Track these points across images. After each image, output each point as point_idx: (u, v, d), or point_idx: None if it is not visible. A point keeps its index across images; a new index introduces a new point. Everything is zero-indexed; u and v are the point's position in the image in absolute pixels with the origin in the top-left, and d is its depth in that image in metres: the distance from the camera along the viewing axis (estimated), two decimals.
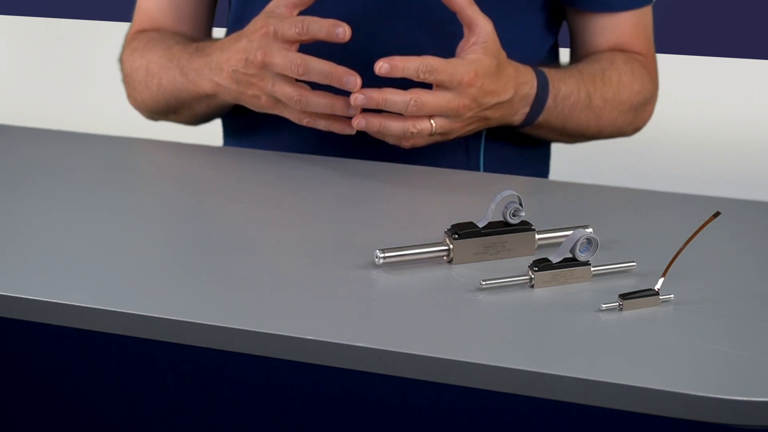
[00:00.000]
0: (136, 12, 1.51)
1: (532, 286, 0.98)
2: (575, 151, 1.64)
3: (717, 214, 0.95)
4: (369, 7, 1.37)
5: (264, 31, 1.25)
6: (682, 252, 0.95)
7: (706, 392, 0.81)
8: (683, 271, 0.98)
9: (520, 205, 1.04)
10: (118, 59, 1.48)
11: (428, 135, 1.25)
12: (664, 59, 1.55)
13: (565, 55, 1.49)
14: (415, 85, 1.23)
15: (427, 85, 1.24)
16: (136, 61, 1.43)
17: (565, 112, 1.35)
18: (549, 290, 0.98)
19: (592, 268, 0.99)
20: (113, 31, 2.14)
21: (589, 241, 0.98)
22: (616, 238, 1.07)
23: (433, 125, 1.24)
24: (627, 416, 0.84)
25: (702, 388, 0.82)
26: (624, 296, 0.94)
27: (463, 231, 1.03)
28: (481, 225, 1.03)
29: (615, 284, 0.98)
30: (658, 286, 0.95)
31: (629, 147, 1.77)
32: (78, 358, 0.99)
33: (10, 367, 1.01)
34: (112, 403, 0.99)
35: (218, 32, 1.50)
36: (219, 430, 0.96)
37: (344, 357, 0.88)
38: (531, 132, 1.38)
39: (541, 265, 0.98)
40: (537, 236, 1.05)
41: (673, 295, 0.95)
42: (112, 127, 1.64)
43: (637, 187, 1.27)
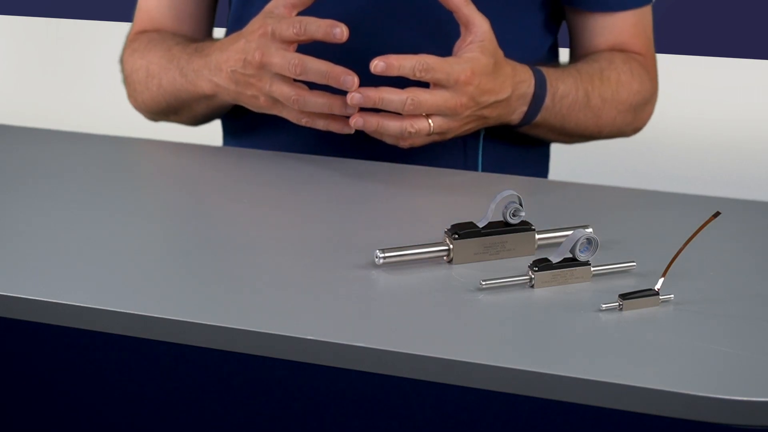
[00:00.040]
0: (137, 12, 1.51)
1: (532, 286, 0.98)
2: (575, 151, 1.64)
3: (717, 214, 0.95)
4: (367, 8, 1.37)
5: (262, 32, 1.25)
6: (682, 252, 0.95)
7: (706, 392, 0.81)
8: (683, 271, 0.98)
9: (520, 205, 1.04)
10: (119, 60, 1.48)
11: (426, 135, 1.25)
12: (664, 59, 1.55)
13: (565, 55, 1.49)
14: (412, 85, 1.23)
15: (425, 85, 1.24)
16: (137, 62, 1.43)
17: (563, 111, 1.35)
18: (549, 290, 0.98)
19: (592, 268, 0.99)
20: (113, 31, 2.14)
21: (589, 241, 0.98)
22: (616, 238, 1.07)
23: (431, 125, 1.24)
24: (627, 416, 0.84)
25: (702, 388, 0.82)
26: (624, 296, 0.94)
27: (463, 231, 1.03)
28: (481, 225, 1.03)
29: (615, 284, 0.98)
30: (658, 286, 0.95)
31: (629, 147, 1.77)
32: (78, 358, 0.99)
33: (10, 367, 1.01)
34: (112, 403, 0.99)
35: (219, 32, 1.50)
36: (219, 430, 0.96)
37: (344, 357, 0.88)
38: (529, 132, 1.38)
39: (541, 265, 0.98)
40: (537, 236, 1.05)
41: (673, 295, 0.95)
42: (112, 127, 1.64)
43: (637, 187, 1.27)
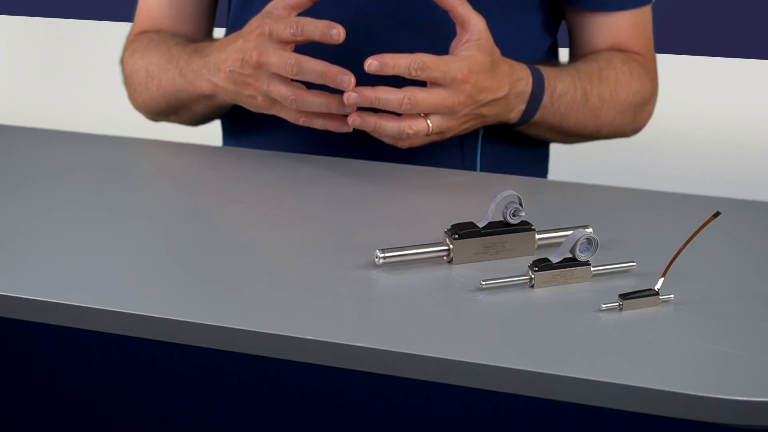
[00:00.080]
0: (138, 13, 1.51)
1: (532, 286, 0.98)
2: (575, 151, 1.64)
3: (717, 214, 0.95)
4: (366, 9, 1.36)
5: (259, 32, 1.25)
6: (682, 252, 0.95)
7: (706, 392, 0.81)
8: (683, 271, 0.98)
9: (520, 205, 1.04)
10: (119, 60, 1.48)
11: (425, 135, 1.24)
12: (664, 59, 1.55)
13: (565, 55, 1.49)
14: (410, 85, 1.23)
15: (423, 85, 1.23)
16: (136, 63, 1.43)
17: (561, 110, 1.35)
18: (549, 290, 0.98)
19: (592, 268, 0.99)
20: (113, 31, 2.14)
21: (589, 241, 0.98)
22: (616, 238, 1.07)
23: (430, 125, 1.23)
24: (627, 416, 0.84)
25: (702, 388, 0.82)
26: (624, 296, 0.94)
27: (463, 231, 1.03)
28: (481, 225, 1.03)
29: (615, 284, 0.98)
30: (658, 286, 0.95)
31: (629, 147, 1.77)
32: (78, 358, 0.99)
33: (10, 367, 1.01)
34: (112, 403, 0.99)
35: (218, 32, 1.50)
36: (219, 430, 0.96)
37: (344, 357, 0.88)
38: (528, 131, 1.38)
39: (541, 265, 0.98)
40: (537, 236, 1.05)
41: (673, 295, 0.95)
42: (112, 127, 1.64)
43: (637, 187, 1.27)
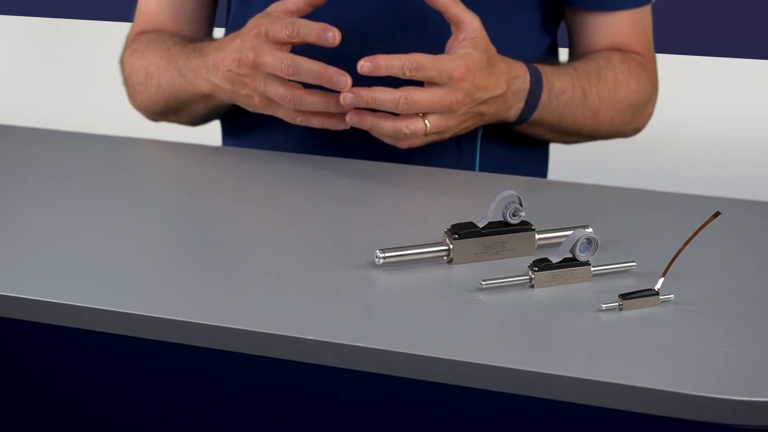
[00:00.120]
0: (137, 13, 1.51)
1: (532, 286, 0.98)
2: (575, 151, 1.64)
3: (717, 214, 0.95)
4: (365, 11, 1.36)
5: (256, 32, 1.25)
6: (682, 252, 0.95)
7: (706, 392, 0.81)
8: (683, 271, 0.98)
9: (520, 205, 1.04)
10: (119, 61, 1.48)
11: (424, 135, 1.24)
12: (664, 59, 1.55)
13: (565, 55, 1.49)
14: (408, 85, 1.22)
15: (421, 85, 1.23)
16: (136, 63, 1.43)
17: (560, 108, 1.35)
18: (549, 290, 0.98)
19: (592, 268, 0.99)
20: (113, 31, 2.14)
21: (589, 241, 0.98)
22: (616, 238, 1.07)
23: (428, 125, 1.23)
24: (627, 416, 0.84)
25: (702, 388, 0.82)
26: (624, 296, 0.94)
27: (463, 231, 1.03)
28: (481, 225, 1.03)
29: (615, 284, 0.98)
30: (658, 286, 0.95)
31: (629, 147, 1.77)
32: (78, 358, 0.99)
33: (10, 367, 1.01)
34: (112, 403, 0.99)
35: (218, 33, 1.50)
36: (219, 430, 0.96)
37: (344, 357, 0.88)
38: (527, 130, 1.37)
39: (541, 265, 0.98)
40: (537, 236, 1.05)
41: (673, 295, 0.95)
42: (112, 127, 1.64)
43: (637, 187, 1.27)
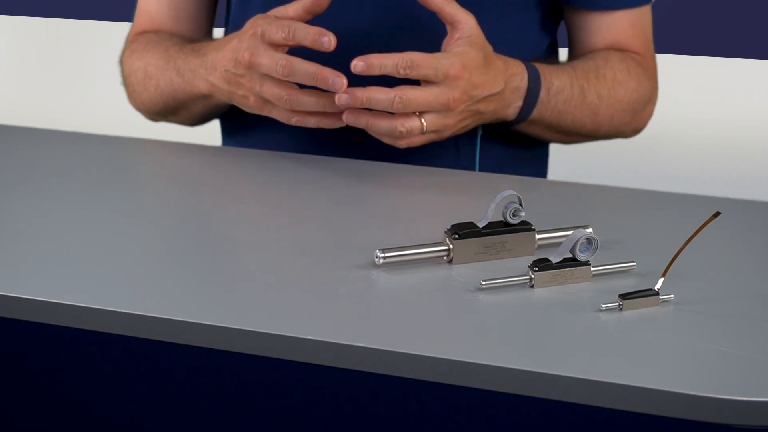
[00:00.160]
0: (137, 13, 1.51)
1: (532, 286, 0.98)
2: (575, 151, 1.64)
3: (717, 214, 0.95)
4: (365, 13, 1.36)
5: (252, 32, 1.25)
6: (682, 252, 0.95)
7: (706, 392, 0.81)
8: (683, 271, 0.98)
9: (520, 205, 1.04)
10: (119, 61, 1.48)
11: (421, 133, 1.23)
12: (664, 59, 1.55)
13: (565, 55, 1.49)
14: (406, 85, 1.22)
15: (418, 84, 1.23)
16: (135, 63, 1.43)
17: (558, 107, 1.34)
18: (549, 290, 0.98)
19: (592, 268, 0.99)
20: (113, 31, 2.14)
21: (589, 241, 0.98)
22: (616, 238, 1.07)
23: (424, 123, 1.23)
24: (627, 416, 0.84)
25: (702, 388, 0.82)
26: (624, 296, 0.94)
27: (463, 231, 1.03)
28: (481, 225, 1.03)
29: (615, 284, 0.98)
30: (658, 286, 0.95)
31: (629, 147, 1.77)
32: (78, 358, 0.99)
33: (10, 367, 1.01)
34: (112, 403, 0.99)
35: (218, 32, 1.50)
36: (219, 430, 0.96)
37: (344, 357, 0.88)
38: (526, 129, 1.37)
39: (541, 265, 0.98)
40: (537, 236, 1.05)
41: (673, 295, 0.95)
42: (112, 127, 1.64)
43: (637, 187, 1.27)
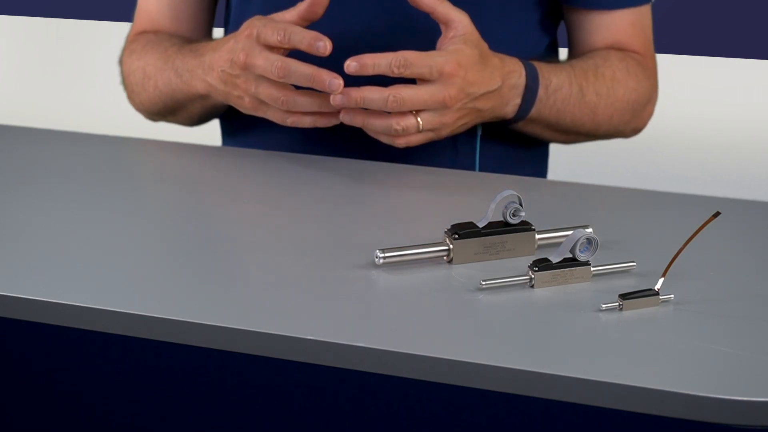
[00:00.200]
0: (137, 13, 1.51)
1: (532, 286, 0.98)
2: (575, 151, 1.63)
3: (717, 214, 0.95)
4: (363, 14, 1.36)
5: (248, 33, 1.25)
6: (682, 252, 0.95)
7: (706, 392, 0.81)
8: (683, 271, 0.98)
9: (520, 205, 1.04)
10: (118, 61, 1.48)
11: (418, 132, 1.23)
12: (664, 59, 1.55)
13: (565, 54, 1.48)
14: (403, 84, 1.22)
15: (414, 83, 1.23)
16: (134, 64, 1.43)
17: (557, 105, 1.34)
18: (549, 290, 0.98)
19: (592, 268, 0.99)
20: (113, 31, 2.14)
21: (589, 241, 0.98)
22: (616, 238, 1.07)
23: (420, 122, 1.22)
24: (627, 416, 0.84)
25: (702, 388, 0.82)
26: (624, 296, 0.94)
27: (463, 231, 1.03)
28: (481, 225, 1.03)
29: (615, 284, 0.98)
30: (658, 286, 0.95)
31: (629, 147, 1.77)
32: (78, 358, 0.99)
33: (10, 367, 1.01)
34: (112, 403, 0.99)
35: (218, 33, 1.50)
36: (219, 430, 0.96)
37: (344, 357, 0.88)
38: (525, 129, 1.37)
39: (541, 265, 0.98)
40: (537, 236, 1.05)
41: (673, 295, 0.95)
42: (112, 127, 1.64)
43: (637, 187, 1.27)
